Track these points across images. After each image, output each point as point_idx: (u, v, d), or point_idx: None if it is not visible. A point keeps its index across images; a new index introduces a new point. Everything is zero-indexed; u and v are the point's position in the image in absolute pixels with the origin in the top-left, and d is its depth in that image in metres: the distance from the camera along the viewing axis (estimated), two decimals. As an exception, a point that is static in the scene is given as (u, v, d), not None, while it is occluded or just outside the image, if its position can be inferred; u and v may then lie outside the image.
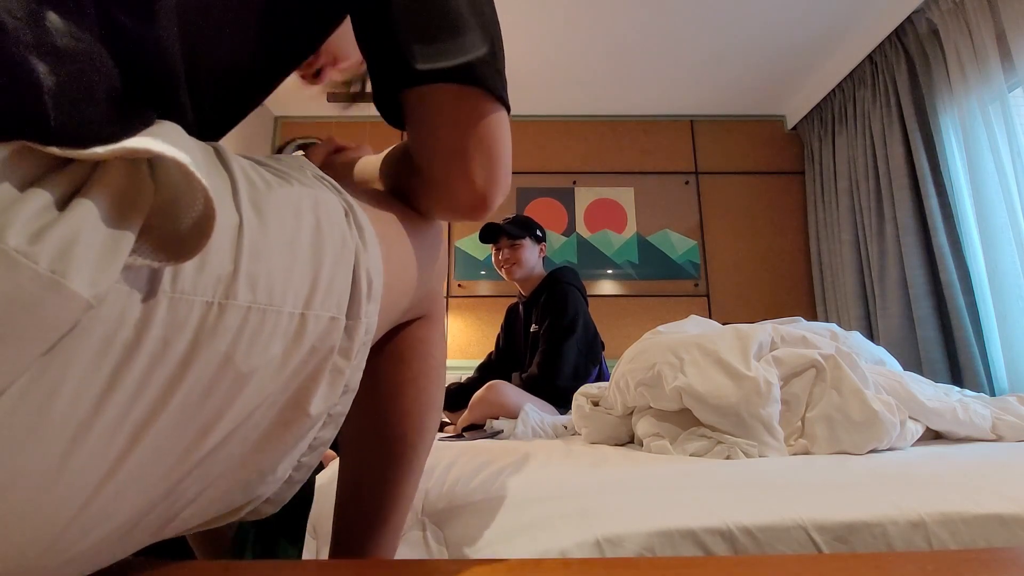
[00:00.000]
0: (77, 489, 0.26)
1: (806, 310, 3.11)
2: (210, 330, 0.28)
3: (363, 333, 0.37)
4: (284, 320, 0.31)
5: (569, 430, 1.49)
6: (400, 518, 0.56)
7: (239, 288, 0.29)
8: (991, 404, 1.14)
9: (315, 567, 0.43)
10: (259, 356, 0.31)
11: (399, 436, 0.53)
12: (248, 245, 0.30)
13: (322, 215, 0.35)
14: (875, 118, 2.60)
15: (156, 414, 0.27)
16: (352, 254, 0.36)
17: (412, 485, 0.55)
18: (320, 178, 0.39)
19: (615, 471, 0.83)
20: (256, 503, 0.37)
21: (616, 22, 2.60)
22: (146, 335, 0.27)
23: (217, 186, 0.30)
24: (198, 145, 0.32)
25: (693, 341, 1.08)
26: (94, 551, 0.29)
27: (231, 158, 0.34)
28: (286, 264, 0.32)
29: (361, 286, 0.36)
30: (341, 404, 0.38)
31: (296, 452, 0.37)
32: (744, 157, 3.35)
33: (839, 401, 0.96)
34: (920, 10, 2.32)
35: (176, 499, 0.31)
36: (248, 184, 0.33)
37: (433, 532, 0.62)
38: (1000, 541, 0.55)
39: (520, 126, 3.39)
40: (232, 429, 0.31)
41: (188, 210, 0.27)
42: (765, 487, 0.66)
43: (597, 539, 0.55)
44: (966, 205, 2.20)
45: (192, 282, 0.28)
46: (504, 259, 2.07)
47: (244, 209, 0.31)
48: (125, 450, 0.27)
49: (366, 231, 0.38)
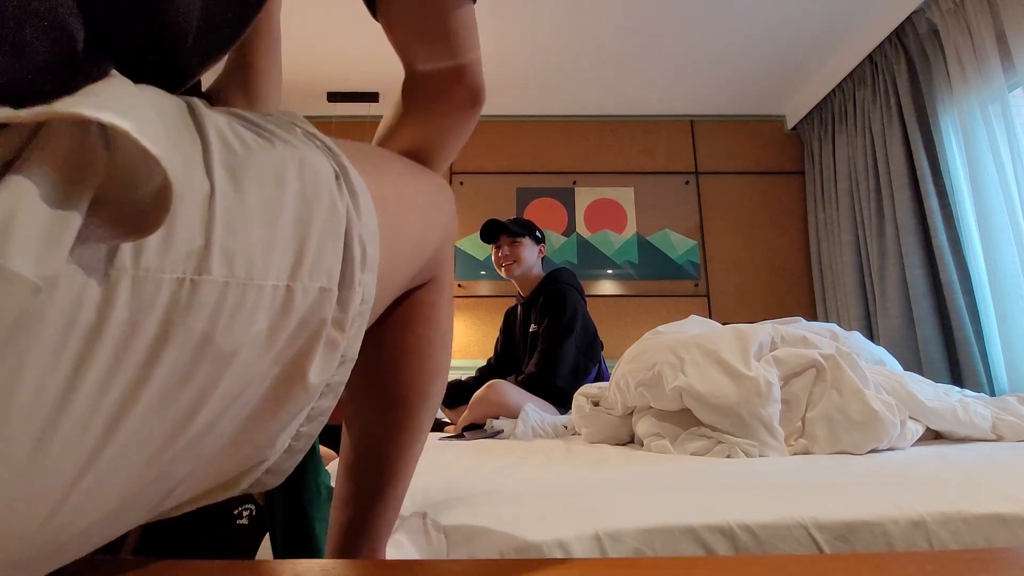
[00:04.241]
0: (53, 484, 0.24)
1: (806, 310, 3.11)
2: (183, 309, 0.26)
3: (358, 303, 0.35)
4: (267, 293, 0.30)
5: (569, 430, 1.50)
6: (403, 484, 0.55)
7: (213, 263, 0.27)
8: (991, 404, 1.14)
9: (316, 567, 0.43)
10: (242, 334, 0.29)
11: (404, 401, 0.52)
12: (221, 216, 0.28)
13: (308, 180, 0.33)
14: (875, 118, 2.60)
15: (132, 400, 0.26)
16: (343, 221, 0.34)
17: (416, 450, 0.54)
18: (311, 136, 0.36)
19: (615, 470, 0.83)
20: (256, 474, 0.37)
21: (616, 22, 2.60)
22: (110, 318, 0.24)
23: (184, 150, 0.28)
24: (160, 103, 0.29)
25: (693, 341, 1.08)
26: (83, 538, 0.28)
27: (206, 116, 0.31)
28: (267, 235, 0.30)
29: (354, 254, 0.34)
30: (339, 374, 0.36)
31: (294, 424, 0.36)
32: (744, 157, 3.36)
33: (839, 401, 0.96)
34: (920, 10, 2.32)
35: (166, 480, 0.30)
36: (223, 147, 0.30)
37: (433, 522, 0.62)
38: (1000, 541, 0.56)
39: (520, 126, 3.39)
40: (221, 409, 0.30)
41: (146, 180, 0.24)
42: (765, 486, 0.67)
43: (597, 533, 0.56)
44: (966, 205, 2.20)
45: (158, 259, 0.26)
46: (504, 256, 2.08)
47: (217, 176, 0.28)
48: (102, 439, 0.25)
49: (360, 196, 0.36)
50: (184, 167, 0.27)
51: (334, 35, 2.65)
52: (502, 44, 2.75)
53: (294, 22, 2.51)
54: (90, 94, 0.24)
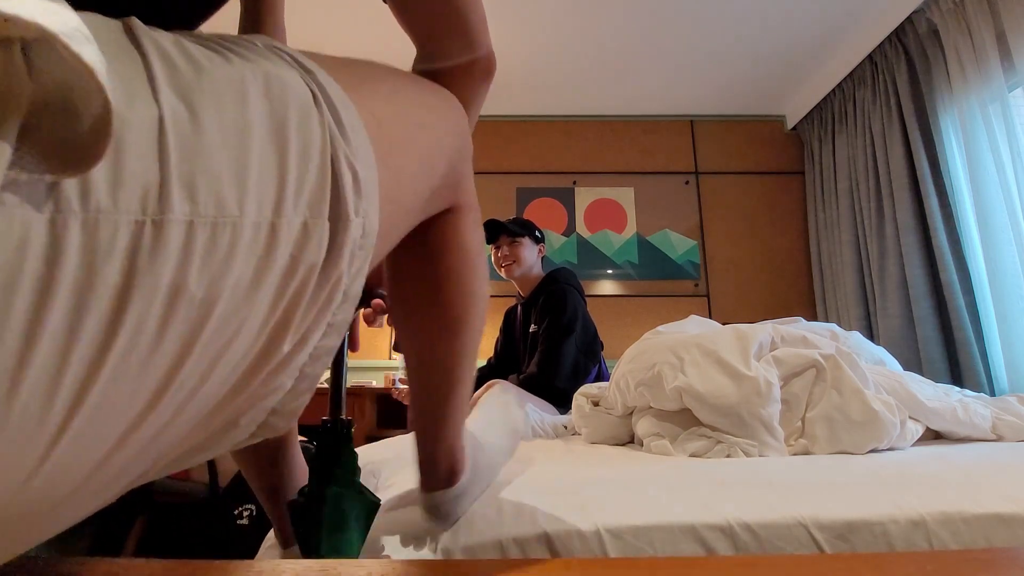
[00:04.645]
0: (26, 443, 0.22)
1: (806, 310, 3.11)
2: (148, 254, 0.24)
3: (358, 235, 0.32)
4: (247, 232, 0.27)
5: (569, 430, 1.50)
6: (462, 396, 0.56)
7: (173, 200, 0.24)
8: (991, 404, 1.14)
9: (316, 567, 0.43)
10: (221, 278, 0.26)
11: (446, 325, 0.52)
12: (176, 144, 0.25)
13: (277, 97, 0.29)
14: (875, 118, 2.60)
15: (103, 353, 0.23)
16: (326, 142, 0.30)
17: (466, 364, 0.56)
18: (274, 49, 0.32)
19: (615, 469, 0.83)
20: (260, 415, 0.35)
21: (616, 22, 2.60)
22: (62, 265, 0.22)
23: (123, 72, 0.24)
24: (91, 17, 0.26)
25: (693, 341, 1.08)
26: (76, 496, 0.26)
27: (144, 34, 0.27)
28: (235, 165, 0.26)
29: (343, 180, 0.31)
30: (342, 313, 0.34)
31: (297, 362, 0.34)
32: (744, 157, 3.36)
33: (839, 401, 0.96)
34: (920, 10, 2.32)
35: (163, 435, 0.28)
36: (169, 67, 0.26)
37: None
38: (1000, 541, 0.56)
39: (520, 126, 3.39)
40: (210, 360, 0.27)
41: (84, 105, 0.21)
42: (766, 485, 0.67)
43: (598, 529, 0.56)
44: (966, 205, 2.20)
45: (109, 198, 0.23)
46: (503, 256, 2.08)
47: (164, 99, 0.25)
48: (77, 395, 0.23)
49: (343, 113, 0.32)
50: (125, 90, 0.24)
51: (334, 35, 2.65)
52: (502, 44, 2.74)
53: (294, 21, 2.50)
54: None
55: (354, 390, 2.61)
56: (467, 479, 0.59)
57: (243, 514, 1.44)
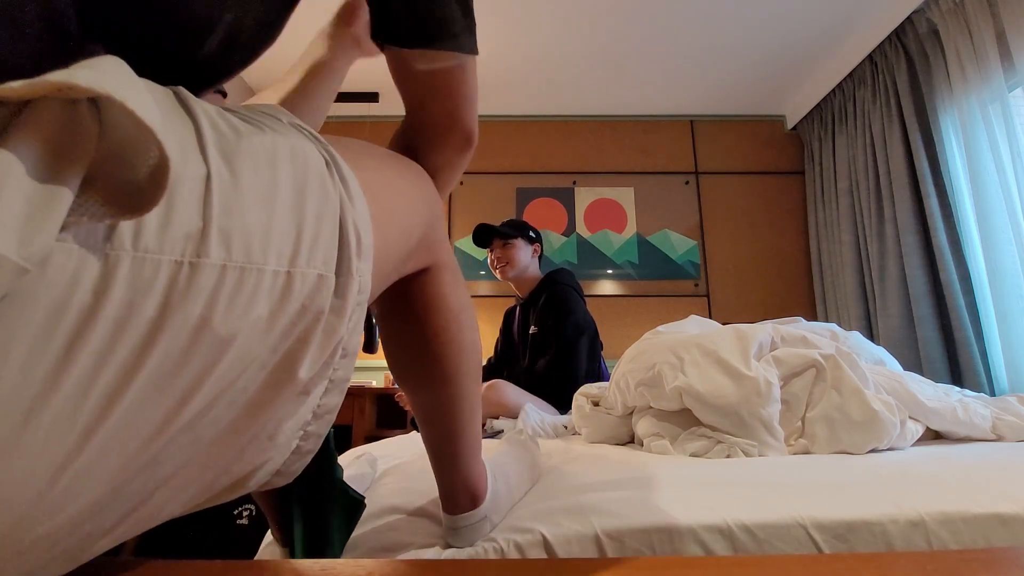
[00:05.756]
0: (41, 464, 0.24)
1: (806, 310, 3.11)
2: (182, 292, 0.26)
3: (356, 292, 0.35)
4: (267, 279, 0.30)
5: (569, 430, 1.50)
6: (473, 435, 0.58)
7: (211, 246, 0.27)
8: (991, 404, 1.14)
9: (317, 567, 0.43)
10: (240, 318, 0.29)
11: (443, 378, 0.55)
12: (219, 199, 0.28)
13: (300, 165, 0.33)
14: (875, 118, 2.60)
15: (127, 381, 0.26)
16: (337, 207, 0.34)
17: (468, 410, 0.58)
18: (297, 126, 0.36)
19: (615, 470, 0.83)
20: (263, 474, 0.36)
21: (616, 22, 2.60)
22: (107, 298, 0.24)
23: (178, 132, 0.28)
24: (150, 85, 0.29)
25: (693, 341, 1.08)
26: (71, 526, 0.27)
27: (195, 103, 0.31)
28: (264, 219, 0.30)
29: (349, 241, 0.34)
30: (342, 369, 0.36)
31: (297, 419, 0.36)
32: (744, 157, 3.36)
33: (839, 401, 0.96)
34: (920, 10, 2.32)
35: (160, 465, 0.30)
36: (215, 132, 0.30)
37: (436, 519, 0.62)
38: (1000, 541, 0.56)
39: (520, 126, 3.39)
40: (216, 394, 0.30)
41: (142, 157, 0.24)
42: (765, 486, 0.67)
43: (597, 533, 0.56)
44: (966, 205, 2.20)
45: (157, 240, 0.26)
46: (496, 259, 2.09)
47: (212, 159, 0.28)
48: (95, 420, 0.25)
49: (350, 183, 0.36)
50: (179, 147, 0.27)
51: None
52: (502, 44, 2.75)
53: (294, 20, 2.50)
54: (83, 67, 0.23)
55: (354, 390, 2.60)
56: (489, 504, 0.60)
57: (243, 514, 1.44)
